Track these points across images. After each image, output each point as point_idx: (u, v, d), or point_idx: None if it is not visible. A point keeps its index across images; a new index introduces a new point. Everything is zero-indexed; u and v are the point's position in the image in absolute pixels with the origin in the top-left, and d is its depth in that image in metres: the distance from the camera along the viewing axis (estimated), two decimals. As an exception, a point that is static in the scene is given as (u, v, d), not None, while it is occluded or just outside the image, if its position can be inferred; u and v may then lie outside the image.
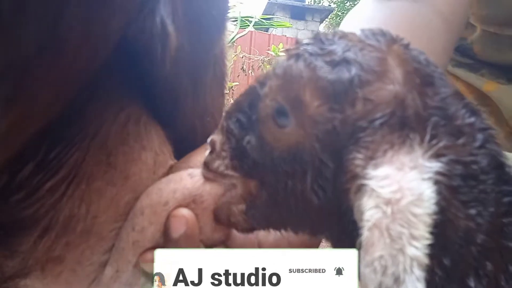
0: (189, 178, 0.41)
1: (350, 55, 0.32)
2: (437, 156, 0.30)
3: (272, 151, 0.34)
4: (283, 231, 0.39)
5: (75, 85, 0.36)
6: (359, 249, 0.29)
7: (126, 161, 0.42)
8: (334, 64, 0.32)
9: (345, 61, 0.32)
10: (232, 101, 0.40)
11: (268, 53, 4.77)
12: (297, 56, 0.34)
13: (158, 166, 0.44)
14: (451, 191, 0.29)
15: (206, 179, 0.40)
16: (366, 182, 0.29)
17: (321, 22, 10.39)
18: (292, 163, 0.33)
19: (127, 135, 0.43)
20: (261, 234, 0.45)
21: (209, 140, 0.40)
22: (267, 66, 4.63)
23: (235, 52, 4.59)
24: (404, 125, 0.30)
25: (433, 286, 0.30)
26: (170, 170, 0.46)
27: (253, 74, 4.73)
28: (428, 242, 0.27)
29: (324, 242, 0.44)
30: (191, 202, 0.40)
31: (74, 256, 0.41)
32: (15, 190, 0.37)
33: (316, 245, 0.45)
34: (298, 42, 0.36)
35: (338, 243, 0.36)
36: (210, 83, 0.51)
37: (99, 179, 0.41)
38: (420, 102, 0.31)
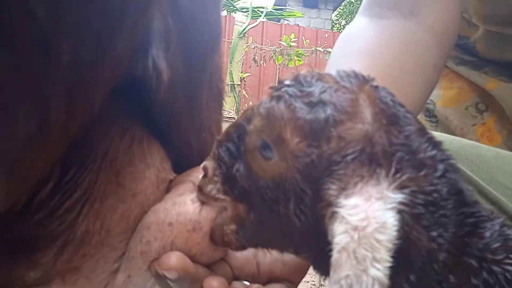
0: (191, 204, 0.45)
1: (325, 96, 0.36)
2: (400, 187, 0.33)
3: (258, 180, 0.38)
4: (277, 251, 0.43)
5: (84, 119, 0.40)
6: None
7: (133, 179, 0.46)
8: (311, 105, 0.36)
9: (321, 102, 0.36)
10: (242, 112, 0.43)
11: (280, 43, 4.76)
12: (278, 98, 0.37)
13: (160, 182, 0.48)
14: (414, 218, 0.33)
15: (200, 201, 0.44)
16: (338, 210, 0.33)
17: (334, 10, 10.24)
18: (276, 190, 0.37)
19: (133, 156, 0.47)
20: (259, 255, 0.49)
21: (202, 165, 0.44)
22: (279, 57, 4.62)
23: (247, 43, 4.59)
24: (372, 160, 0.34)
25: None
26: (170, 184, 0.50)
27: (264, 65, 4.69)
28: (389, 264, 0.31)
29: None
30: (191, 230, 0.43)
31: (89, 265, 0.45)
32: (35, 210, 0.41)
33: (306, 267, 0.48)
34: (280, 82, 0.39)
35: (316, 262, 0.40)
36: (206, 101, 0.54)
37: (110, 197, 0.44)
38: (386, 140, 0.35)
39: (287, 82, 0.38)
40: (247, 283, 0.49)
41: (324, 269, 0.39)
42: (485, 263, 0.36)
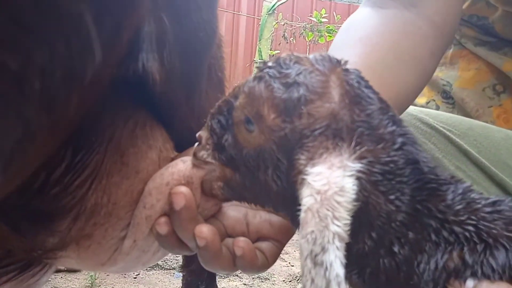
0: (182, 163, 0.50)
1: (300, 78, 0.41)
2: (359, 158, 0.38)
3: (242, 149, 0.44)
4: (259, 207, 0.49)
5: (87, 107, 0.46)
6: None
7: (136, 159, 0.52)
8: (287, 85, 0.41)
9: (296, 83, 0.41)
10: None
11: (310, 19, 4.68)
12: (260, 78, 0.42)
13: (162, 160, 0.54)
14: (372, 184, 0.39)
15: (194, 165, 0.49)
16: (305, 177, 0.38)
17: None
18: (257, 159, 0.43)
19: (136, 138, 0.52)
20: (249, 216, 0.54)
21: (197, 135, 0.49)
22: (309, 33, 4.56)
23: (276, 20, 4.53)
24: (336, 135, 0.39)
25: (365, 251, 0.40)
26: (172, 160, 0.55)
27: (294, 41, 4.48)
28: (348, 222, 0.36)
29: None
30: (186, 183, 0.49)
31: (100, 233, 0.51)
32: (51, 186, 0.47)
33: (292, 229, 0.53)
34: (264, 64, 0.44)
35: (293, 220, 0.45)
36: (205, 90, 0.60)
37: (115, 175, 0.50)
38: (349, 118, 0.40)
39: (269, 64, 0.43)
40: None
41: (292, 217, 0.43)
42: (447, 224, 0.40)
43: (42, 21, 0.31)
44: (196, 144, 0.49)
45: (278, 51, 4.20)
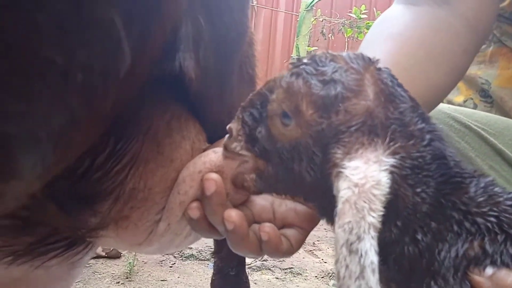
0: (214, 154, 0.54)
1: (336, 75, 0.43)
2: (393, 153, 0.41)
3: (277, 142, 0.45)
4: (289, 198, 0.51)
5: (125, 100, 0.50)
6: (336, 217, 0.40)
7: (170, 149, 0.55)
8: (324, 82, 0.43)
9: (333, 81, 0.42)
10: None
11: (349, 15, 4.61)
12: (298, 74, 0.44)
13: (194, 151, 0.57)
14: (402, 178, 0.41)
15: (225, 157, 0.51)
16: (342, 170, 0.40)
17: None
18: (292, 151, 0.45)
19: (171, 129, 0.56)
20: (276, 204, 0.56)
21: (228, 127, 0.50)
22: (348, 29, 4.50)
23: (315, 16, 4.49)
24: (371, 131, 0.41)
25: (391, 239, 0.42)
26: (204, 151, 0.58)
27: (333, 38, 4.31)
28: (382, 213, 0.38)
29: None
30: (217, 172, 0.52)
31: (136, 215, 0.55)
32: (94, 171, 0.51)
33: (316, 217, 0.55)
34: (299, 60, 0.46)
35: (321, 210, 0.48)
36: (236, 86, 0.63)
37: (152, 162, 0.54)
38: (383, 115, 0.42)
39: (305, 61, 0.45)
40: None
41: (327, 215, 0.46)
42: (470, 215, 0.42)
43: (80, 25, 0.35)
44: (227, 136, 0.51)
45: (316, 48, 4.14)
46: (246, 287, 1.16)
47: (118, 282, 2.20)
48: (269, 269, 2.45)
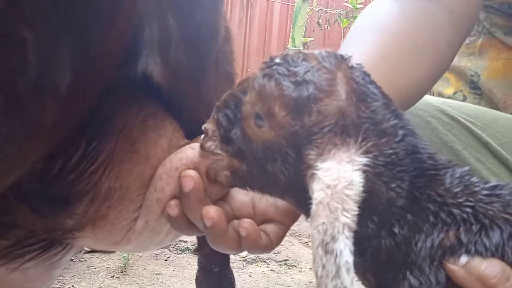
0: (190, 150, 0.53)
1: (308, 76, 0.42)
2: (366, 152, 0.41)
3: (251, 142, 0.45)
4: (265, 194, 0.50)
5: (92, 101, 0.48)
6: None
7: (146, 147, 0.55)
8: (296, 84, 0.42)
9: (305, 82, 0.42)
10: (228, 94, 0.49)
11: (345, 5, 4.58)
12: (270, 76, 0.43)
13: (172, 148, 0.56)
14: (375, 175, 0.41)
15: (201, 155, 0.51)
16: (316, 172, 0.40)
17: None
18: (266, 152, 0.44)
19: (147, 128, 0.55)
20: (256, 199, 0.56)
21: (203, 127, 0.50)
22: (344, 20, 4.46)
23: (311, 6, 4.44)
24: (344, 131, 0.41)
25: (367, 234, 0.43)
26: (181, 147, 0.57)
27: (329, 28, 4.26)
28: (356, 213, 0.38)
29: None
30: (193, 168, 0.51)
31: (114, 214, 0.54)
32: (68, 173, 0.50)
33: (297, 214, 0.55)
34: (271, 60, 0.45)
35: (298, 206, 0.48)
36: (213, 83, 0.62)
37: (127, 162, 0.53)
38: (355, 114, 0.41)
39: (277, 61, 0.44)
40: None
41: (305, 212, 0.46)
42: (445, 206, 0.42)
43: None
44: (202, 136, 0.50)
45: (312, 39, 4.13)
46: (230, 283, 1.16)
47: (113, 276, 2.20)
48: (264, 261, 2.46)
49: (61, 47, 0.39)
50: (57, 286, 2.04)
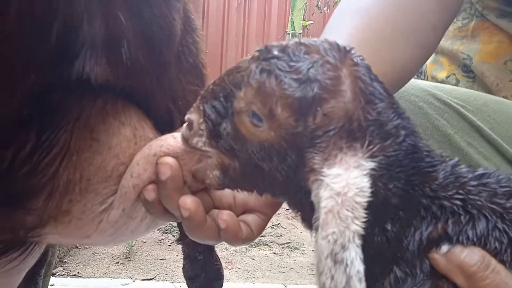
0: (172, 138, 0.49)
1: (312, 72, 0.38)
2: (372, 157, 0.38)
3: (246, 141, 0.41)
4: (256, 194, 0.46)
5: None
6: (316, 230, 0.38)
7: (107, 135, 0.50)
8: (300, 82, 0.38)
9: (309, 80, 0.38)
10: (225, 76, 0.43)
11: (345, -13, 4.46)
12: (269, 72, 0.39)
13: (138, 138, 0.52)
14: (378, 178, 0.39)
15: (187, 152, 0.46)
16: (322, 178, 0.37)
17: None
18: (262, 151, 0.40)
19: (107, 115, 0.50)
20: None
21: (186, 117, 0.44)
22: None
23: (311, -11, 4.36)
24: (350, 135, 0.38)
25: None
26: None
27: (328, 11, 4.13)
28: (365, 219, 0.37)
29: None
30: (174, 157, 0.47)
31: (78, 208, 0.50)
32: (19, 166, 0.45)
33: (278, 203, 0.52)
34: (268, 51, 0.40)
35: (291, 202, 0.45)
36: (177, 76, 0.59)
37: (86, 151, 0.48)
38: (362, 117, 0.38)
39: (275, 53, 0.40)
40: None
41: (296, 207, 0.44)
42: (437, 200, 0.41)
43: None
44: (185, 126, 0.45)
45: (312, 22, 4.03)
46: (217, 269, 1.13)
47: (118, 262, 2.19)
48: (267, 244, 2.45)
49: None
50: (63, 273, 2.04)
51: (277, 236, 2.57)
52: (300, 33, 3.63)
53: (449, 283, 0.41)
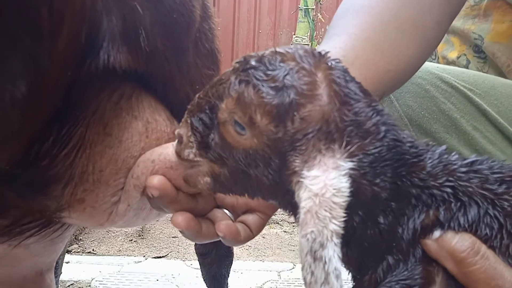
0: (172, 147, 0.51)
1: (288, 79, 0.40)
2: (351, 156, 0.40)
3: (232, 149, 0.43)
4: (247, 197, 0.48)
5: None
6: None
7: (119, 129, 0.53)
8: (277, 89, 0.40)
9: (285, 87, 0.40)
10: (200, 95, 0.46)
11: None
12: (247, 82, 0.41)
13: (150, 132, 0.56)
14: (361, 176, 0.40)
15: (180, 164, 0.48)
16: (302, 180, 0.39)
17: None
18: (248, 158, 0.42)
19: (120, 110, 0.53)
20: None
21: (176, 132, 0.47)
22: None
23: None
24: (328, 136, 0.40)
25: (353, 228, 0.42)
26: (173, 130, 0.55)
27: None
28: (344, 219, 0.38)
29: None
30: (169, 167, 0.51)
31: (91, 198, 0.54)
32: (42, 158, 0.50)
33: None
34: (246, 62, 0.42)
35: (281, 205, 0.47)
36: (194, 61, 0.62)
37: (99, 144, 0.53)
38: (339, 119, 0.40)
39: (253, 63, 0.41)
40: (227, 211, 0.56)
41: (287, 208, 0.46)
42: (427, 189, 0.42)
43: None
44: (176, 141, 0.47)
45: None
46: (227, 246, 1.18)
47: (131, 240, 2.28)
48: (277, 223, 2.50)
49: (10, 67, 0.39)
50: (78, 250, 2.13)
51: (288, 215, 2.63)
52: (313, 8, 3.56)
53: (439, 268, 0.42)
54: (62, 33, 0.44)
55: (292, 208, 0.43)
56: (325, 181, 0.38)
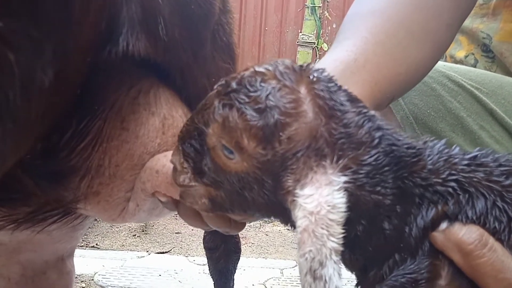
0: None
1: (271, 100, 0.39)
2: (344, 170, 0.38)
3: (225, 173, 0.42)
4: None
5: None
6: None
7: (136, 124, 0.54)
8: (260, 111, 0.39)
9: (268, 108, 0.39)
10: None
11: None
12: (230, 106, 0.40)
13: (167, 127, 0.57)
14: (359, 187, 0.39)
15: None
16: (296, 199, 0.38)
17: None
18: (241, 181, 0.42)
19: (138, 105, 0.54)
20: None
21: (169, 160, 0.48)
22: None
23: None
24: (318, 153, 0.39)
25: (356, 236, 0.41)
26: None
27: None
28: (342, 235, 0.37)
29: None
30: (171, 183, 0.51)
31: (106, 191, 0.56)
32: (61, 150, 0.52)
33: None
34: (227, 85, 0.41)
35: (285, 222, 0.46)
36: (211, 54, 0.63)
37: (115, 139, 0.54)
38: (327, 133, 0.39)
39: (234, 86, 0.40)
40: None
41: (288, 224, 0.46)
42: (430, 187, 0.41)
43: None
44: (172, 169, 0.48)
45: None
46: (235, 242, 1.19)
47: (135, 235, 2.30)
48: (281, 221, 2.50)
49: (42, 52, 0.40)
50: (82, 244, 2.15)
51: (292, 231, 2.64)
52: (319, 6, 3.55)
53: (446, 261, 0.40)
54: (88, 18, 0.44)
55: (293, 225, 0.43)
56: (319, 199, 0.37)
